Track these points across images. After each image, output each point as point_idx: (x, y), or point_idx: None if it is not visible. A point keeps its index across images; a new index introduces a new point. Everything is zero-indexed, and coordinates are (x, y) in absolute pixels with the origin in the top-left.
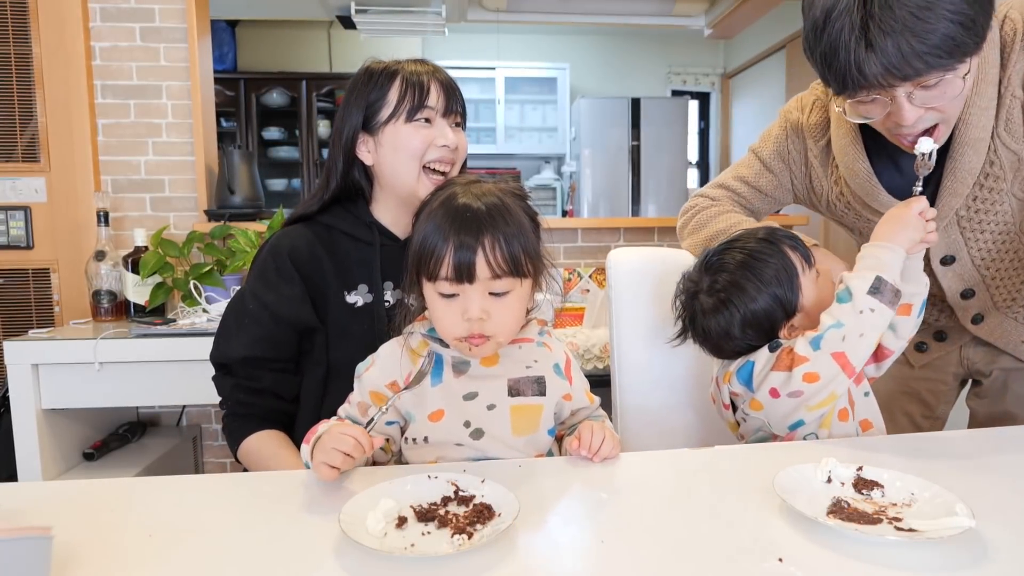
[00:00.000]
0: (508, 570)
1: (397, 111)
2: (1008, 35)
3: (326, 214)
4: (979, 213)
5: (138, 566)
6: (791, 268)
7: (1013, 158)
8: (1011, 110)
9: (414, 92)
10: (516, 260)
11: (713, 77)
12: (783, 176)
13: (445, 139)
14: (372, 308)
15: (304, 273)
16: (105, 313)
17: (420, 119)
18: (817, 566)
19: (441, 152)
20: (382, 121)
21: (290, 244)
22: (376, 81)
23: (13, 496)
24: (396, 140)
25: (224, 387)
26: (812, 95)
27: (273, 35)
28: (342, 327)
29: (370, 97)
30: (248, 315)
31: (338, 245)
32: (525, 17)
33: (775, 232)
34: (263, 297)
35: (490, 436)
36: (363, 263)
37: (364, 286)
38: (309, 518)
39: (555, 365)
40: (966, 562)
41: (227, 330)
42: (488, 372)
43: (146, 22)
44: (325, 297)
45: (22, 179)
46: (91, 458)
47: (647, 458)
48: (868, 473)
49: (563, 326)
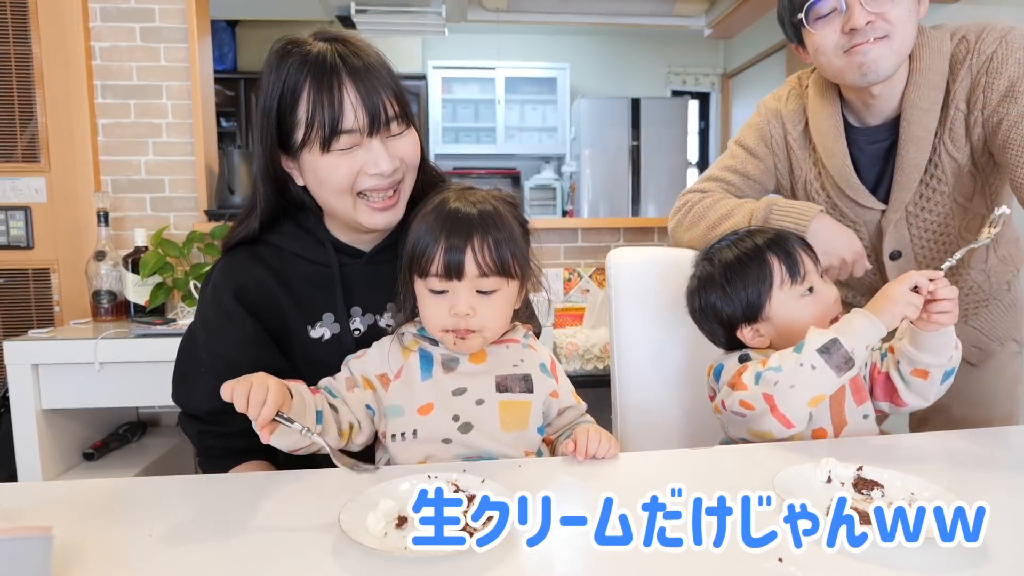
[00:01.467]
0: (508, 570)
1: (308, 138)
2: (960, 52)
3: (274, 232)
4: (924, 211)
5: (138, 566)
6: (767, 277)
7: (955, 165)
8: (955, 121)
9: (323, 113)
10: (503, 261)
11: (713, 77)
12: (767, 160)
13: (376, 166)
14: (340, 340)
15: (258, 313)
16: (105, 313)
17: (339, 149)
18: (817, 566)
19: (374, 181)
20: (297, 145)
21: (235, 282)
22: (284, 85)
23: (13, 496)
24: (316, 172)
25: (191, 432)
26: (787, 87)
27: (273, 35)
28: (310, 364)
29: (279, 105)
30: (203, 365)
31: (292, 271)
32: (525, 17)
33: (780, 237)
34: (214, 347)
35: (479, 430)
36: (323, 288)
37: (329, 315)
38: (309, 518)
39: (541, 364)
40: (966, 562)
41: (183, 376)
42: (476, 369)
43: (146, 22)
44: (287, 334)
45: (22, 179)
46: (91, 458)
47: (647, 458)
48: (868, 473)
49: (563, 326)
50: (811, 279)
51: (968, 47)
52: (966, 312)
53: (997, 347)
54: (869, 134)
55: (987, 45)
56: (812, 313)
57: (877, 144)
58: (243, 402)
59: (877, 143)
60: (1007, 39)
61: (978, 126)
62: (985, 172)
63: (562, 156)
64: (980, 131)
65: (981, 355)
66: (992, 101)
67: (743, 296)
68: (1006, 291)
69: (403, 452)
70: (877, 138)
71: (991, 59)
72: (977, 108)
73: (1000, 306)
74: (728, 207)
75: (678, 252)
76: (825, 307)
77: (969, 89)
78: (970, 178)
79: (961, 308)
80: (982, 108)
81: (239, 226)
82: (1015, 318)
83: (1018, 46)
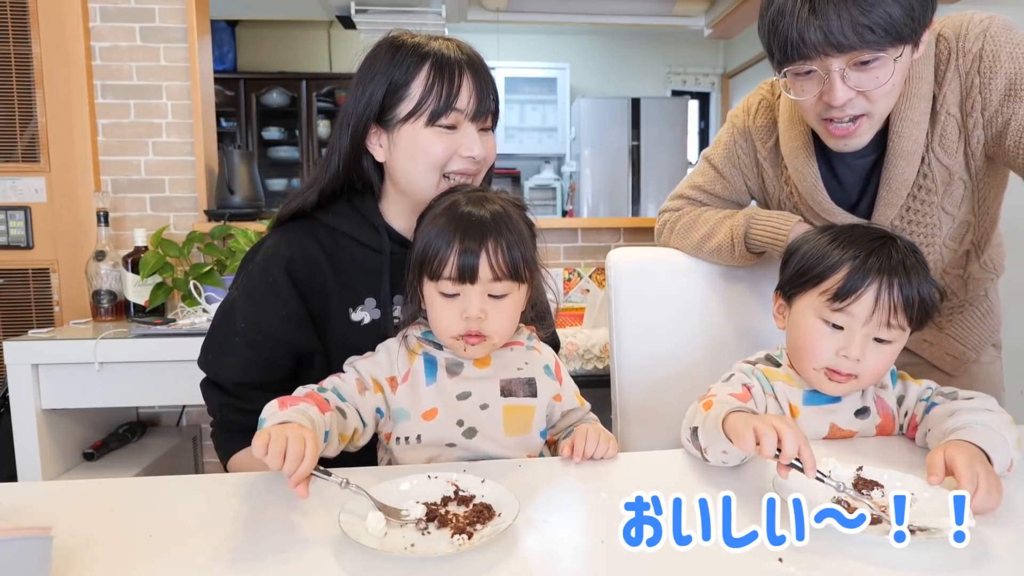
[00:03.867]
0: (508, 570)
1: (418, 110)
2: (943, 53)
3: (328, 212)
4: (911, 224)
5: (138, 566)
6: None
7: (945, 173)
8: (946, 127)
9: (441, 89)
10: (516, 265)
11: (713, 77)
12: (736, 180)
13: (471, 150)
14: (380, 325)
15: (303, 290)
16: (105, 313)
17: (443, 124)
18: (817, 566)
19: (465, 164)
20: (399, 118)
21: (288, 256)
22: (400, 63)
23: (13, 496)
24: (413, 145)
25: (213, 402)
26: (758, 96)
27: (273, 35)
28: (345, 347)
29: (390, 83)
30: (240, 334)
31: (343, 252)
32: (525, 17)
33: (892, 266)
34: (255, 317)
35: (483, 435)
36: (370, 273)
37: (371, 300)
38: (309, 518)
39: (545, 367)
40: (966, 562)
41: (217, 344)
42: (481, 373)
43: (146, 22)
44: (327, 315)
45: (22, 179)
46: (91, 458)
47: (647, 458)
48: (868, 473)
49: (563, 326)
50: (851, 322)
51: (950, 47)
52: (940, 320)
53: (973, 355)
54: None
55: (971, 43)
56: (796, 329)
57: (863, 159)
58: (279, 461)
59: (863, 158)
60: (989, 33)
61: (978, 128)
62: (976, 178)
63: (562, 156)
64: (980, 134)
65: (956, 364)
66: (992, 103)
67: (793, 268)
68: (983, 298)
69: (407, 455)
70: (863, 153)
71: (980, 58)
72: (976, 112)
73: (976, 313)
74: (709, 224)
75: (678, 252)
76: (801, 326)
77: (960, 93)
78: (960, 185)
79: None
80: (982, 111)
81: (297, 198)
82: (991, 325)
83: (1004, 39)
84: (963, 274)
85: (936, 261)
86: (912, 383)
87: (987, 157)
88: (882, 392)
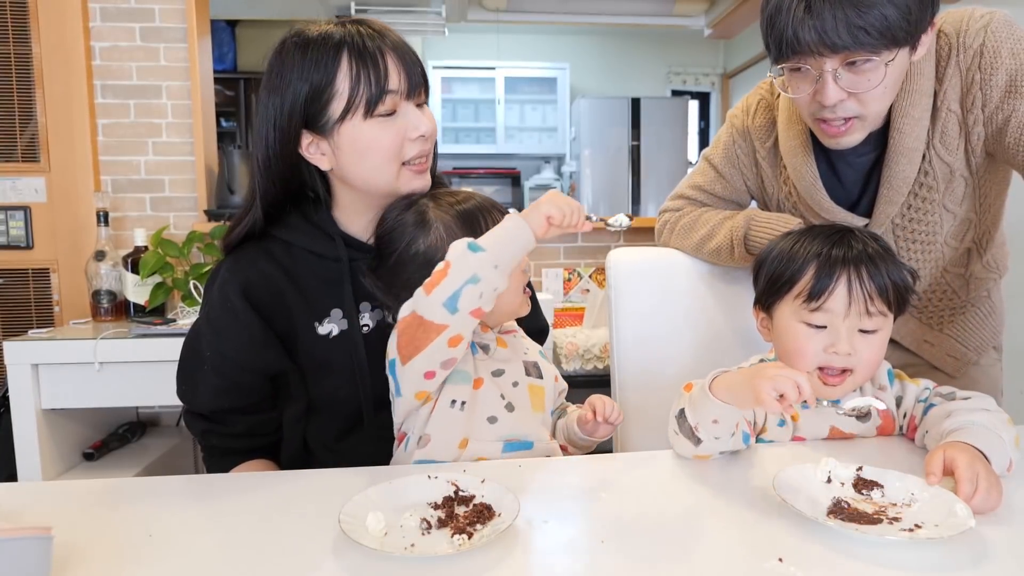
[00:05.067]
0: (508, 570)
1: (352, 105)
2: (943, 50)
3: (281, 226)
4: (912, 223)
5: (138, 566)
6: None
7: (946, 170)
8: (947, 123)
9: (368, 76)
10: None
11: (713, 77)
12: (735, 180)
13: (418, 129)
14: (349, 336)
15: (265, 311)
16: (105, 313)
17: (382, 113)
18: (817, 566)
19: (418, 147)
20: (334, 120)
21: (243, 280)
22: (316, 62)
23: (13, 496)
24: (359, 143)
25: (195, 429)
26: (757, 96)
27: (273, 35)
28: (316, 362)
29: (311, 86)
30: (207, 362)
31: (301, 266)
32: (525, 17)
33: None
34: (218, 346)
35: (519, 411)
36: (332, 283)
37: (337, 311)
38: (309, 518)
39: (539, 351)
40: (966, 562)
41: (188, 374)
42: (506, 354)
43: (146, 22)
44: (294, 333)
45: (22, 179)
46: (91, 458)
47: (647, 458)
48: (868, 473)
49: (563, 326)
50: (831, 319)
51: (950, 43)
52: (941, 319)
53: (974, 356)
54: (856, 147)
55: (971, 38)
56: (805, 350)
57: (864, 156)
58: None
59: (864, 155)
60: (990, 28)
61: (978, 125)
62: (977, 175)
63: (562, 156)
64: (981, 130)
65: (957, 365)
66: (993, 99)
67: (764, 279)
68: (985, 298)
69: (447, 428)
70: (863, 150)
71: (980, 53)
72: (976, 108)
73: (978, 314)
74: (709, 225)
75: (678, 252)
76: (782, 336)
77: (961, 89)
78: (961, 182)
79: (936, 315)
80: (982, 107)
81: (238, 224)
82: (993, 327)
83: (1005, 35)
84: (965, 273)
85: (937, 259)
86: (910, 383)
87: (988, 154)
88: (881, 394)
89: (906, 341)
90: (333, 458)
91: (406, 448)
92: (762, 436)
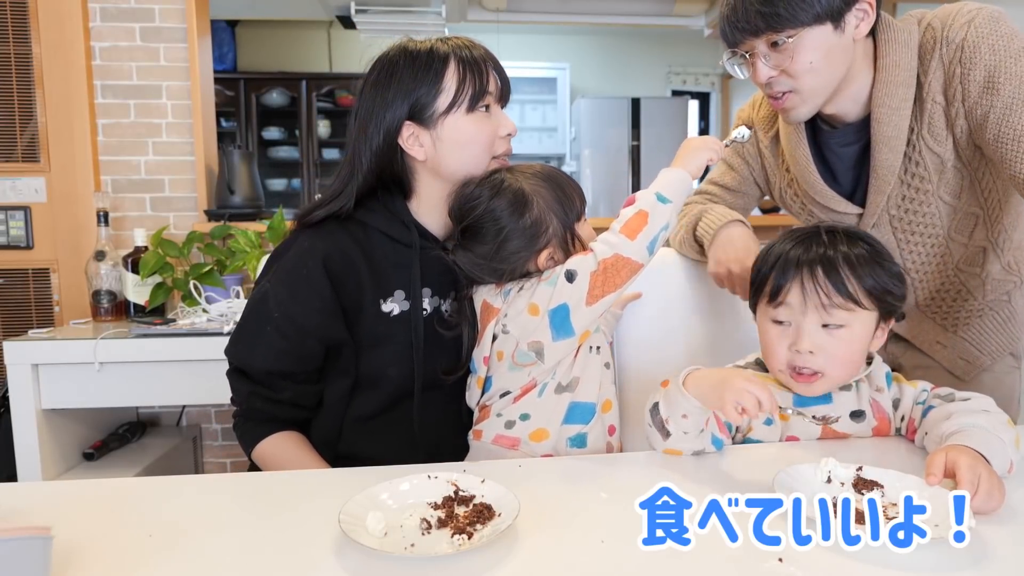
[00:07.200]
0: (508, 570)
1: (458, 99)
2: (928, 42)
3: (361, 209)
4: (908, 214)
5: (138, 566)
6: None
7: (936, 160)
8: (933, 114)
9: (474, 78)
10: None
11: (713, 77)
12: (743, 170)
13: (508, 128)
14: (409, 317)
15: (338, 283)
16: (105, 313)
17: (481, 108)
18: (817, 566)
19: (505, 144)
20: (440, 112)
21: (325, 250)
22: (424, 64)
23: (13, 496)
24: (458, 134)
25: (240, 390)
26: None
27: (273, 35)
28: (374, 338)
29: (420, 83)
30: (272, 324)
31: (375, 248)
32: (525, 17)
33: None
34: (289, 308)
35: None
36: (400, 267)
37: (400, 292)
38: (309, 518)
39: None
40: (966, 562)
41: (248, 333)
42: None
43: (146, 22)
44: (359, 307)
45: (22, 179)
46: (91, 458)
47: (647, 458)
48: (868, 473)
49: None
50: (791, 314)
51: (935, 36)
52: (956, 321)
53: (988, 361)
54: (840, 136)
55: (955, 32)
56: (773, 347)
57: (850, 146)
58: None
59: (850, 145)
60: (974, 24)
61: (960, 118)
62: (972, 166)
63: (562, 156)
64: (963, 123)
65: (970, 368)
66: (972, 93)
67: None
68: (1005, 303)
69: (590, 370)
70: (848, 140)
71: (962, 48)
72: (957, 100)
73: (996, 319)
74: (693, 216)
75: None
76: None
77: (944, 81)
78: (955, 173)
79: (951, 316)
80: (962, 100)
81: (322, 206)
82: (1012, 332)
83: (988, 31)
84: (981, 273)
85: (943, 255)
86: (907, 385)
87: (975, 146)
88: (878, 395)
89: (919, 341)
90: (364, 437)
91: (500, 414)
92: (750, 435)
